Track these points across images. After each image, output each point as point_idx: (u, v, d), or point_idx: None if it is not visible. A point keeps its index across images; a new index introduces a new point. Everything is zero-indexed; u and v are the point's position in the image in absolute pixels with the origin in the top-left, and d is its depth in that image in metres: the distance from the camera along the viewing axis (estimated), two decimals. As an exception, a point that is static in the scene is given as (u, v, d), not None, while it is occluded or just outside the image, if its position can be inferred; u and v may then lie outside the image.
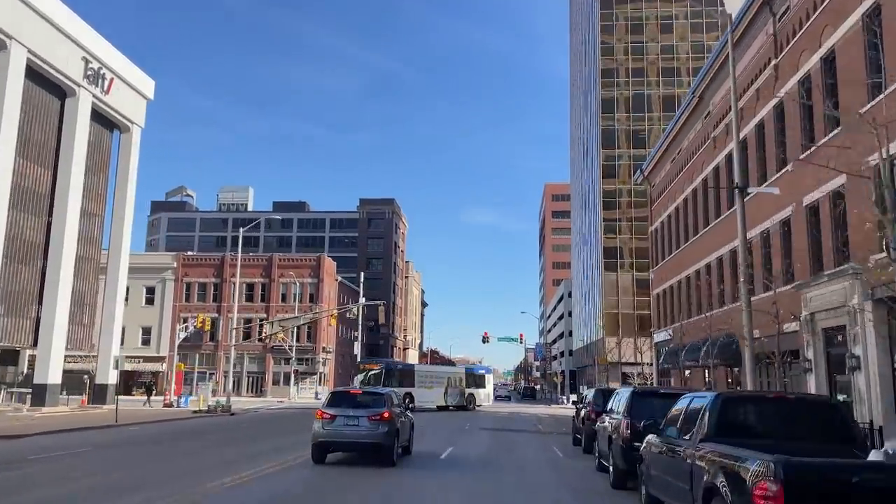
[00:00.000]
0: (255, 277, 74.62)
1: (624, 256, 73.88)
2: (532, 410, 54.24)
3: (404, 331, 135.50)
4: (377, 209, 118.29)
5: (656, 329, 43.00)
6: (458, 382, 51.43)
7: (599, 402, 20.31)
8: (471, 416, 41.53)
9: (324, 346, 74.48)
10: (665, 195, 41.46)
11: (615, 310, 72.66)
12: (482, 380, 54.81)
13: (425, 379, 48.80)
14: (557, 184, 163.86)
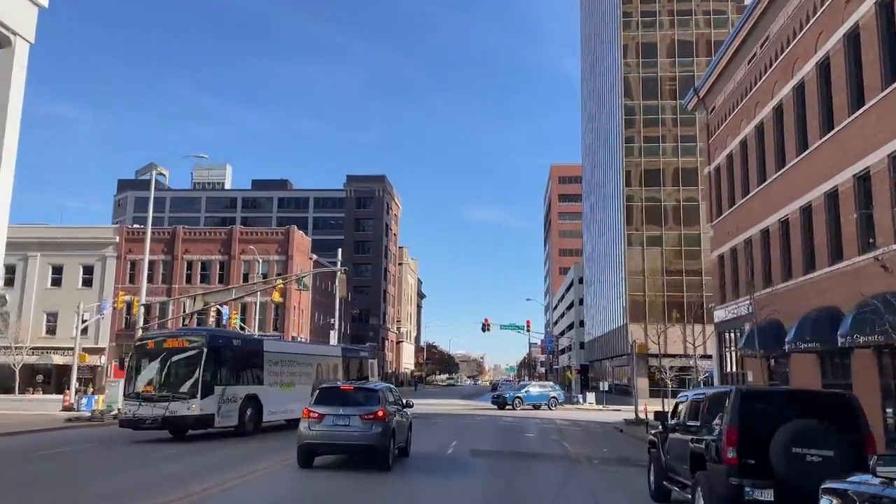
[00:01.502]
0: (212, 254, 63.09)
1: (653, 224, 62.16)
2: (543, 414, 42.69)
3: (398, 322, 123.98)
4: (366, 187, 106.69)
5: (719, 304, 31.36)
6: (331, 372, 28.85)
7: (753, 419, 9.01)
8: (449, 426, 29.90)
9: (294, 335, 62.89)
10: (734, 118, 29.79)
11: (640, 292, 61.00)
12: (364, 365, 32.58)
13: (281, 369, 25.51)
14: (564, 165, 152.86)
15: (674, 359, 58.13)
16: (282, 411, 24.50)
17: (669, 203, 62.06)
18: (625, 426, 30.34)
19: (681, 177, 62.04)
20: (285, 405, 24.44)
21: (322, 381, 23.89)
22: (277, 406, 24.12)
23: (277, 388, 24.42)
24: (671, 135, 63.03)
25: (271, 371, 24.22)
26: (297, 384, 25.50)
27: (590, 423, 34.41)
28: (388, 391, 16.27)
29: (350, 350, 32.92)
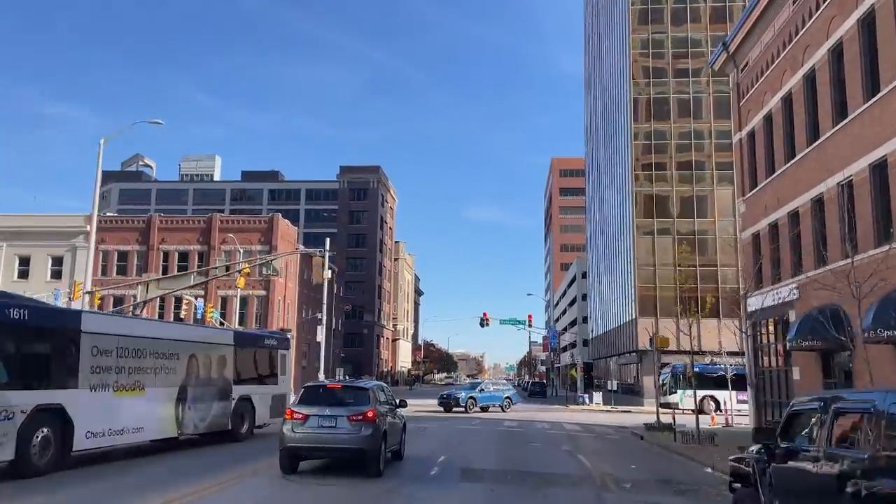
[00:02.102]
0: (190, 244, 58.74)
1: (664, 213, 57.80)
2: (548, 416, 38.37)
3: (394, 319, 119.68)
4: (360, 178, 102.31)
5: (754, 291, 27.01)
6: (214, 369, 19.40)
7: None
8: (441, 433, 25.59)
9: (278, 331, 58.53)
10: (773, 71, 25.45)
11: (651, 283, 56.66)
12: (272, 360, 23.01)
13: (119, 362, 15.65)
14: (565, 158, 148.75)
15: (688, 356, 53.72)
16: (115, 431, 15.14)
17: (683, 190, 57.72)
18: (645, 432, 26.04)
19: (693, 165, 57.74)
20: (121, 420, 15.30)
21: (196, 380, 17.86)
22: (106, 423, 14.88)
23: (108, 394, 14.99)
24: (681, 125, 58.73)
25: (98, 365, 14.80)
26: (150, 386, 16.30)
27: (602, 427, 30.10)
28: (380, 390, 15.14)
29: (247, 337, 22.57)
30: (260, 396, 21.24)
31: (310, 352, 65.31)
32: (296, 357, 63.49)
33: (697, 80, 58.87)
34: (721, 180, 57.10)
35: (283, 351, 23.71)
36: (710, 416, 32.08)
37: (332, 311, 76.10)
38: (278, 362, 23.16)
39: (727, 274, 56.08)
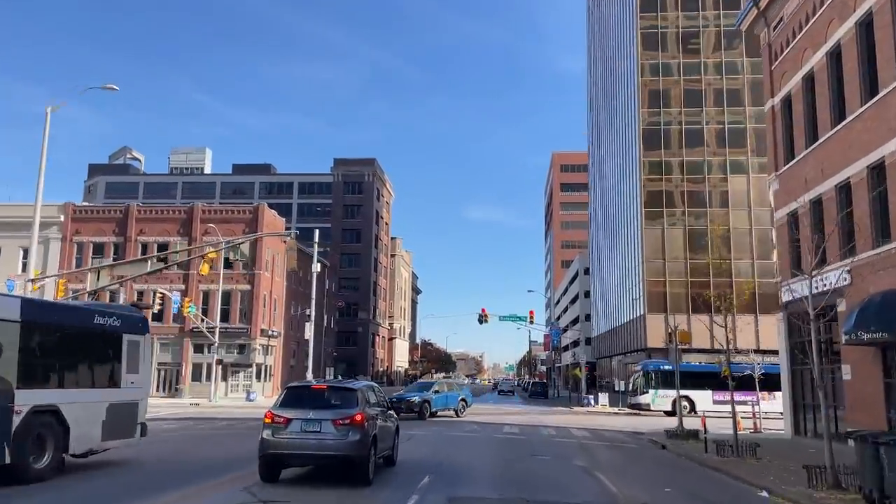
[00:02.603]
0: (170, 235, 55.26)
1: (674, 203, 54.35)
2: (552, 420, 34.94)
3: (390, 318, 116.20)
4: (354, 171, 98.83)
5: (789, 278, 23.61)
6: None
7: None
8: (430, 440, 22.22)
9: (264, 327, 55.12)
10: (815, 24, 22.04)
11: (660, 278, 53.25)
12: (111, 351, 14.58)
13: None
14: (567, 153, 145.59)
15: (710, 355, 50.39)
16: None
17: (694, 178, 54.28)
18: (667, 440, 22.60)
19: (704, 153, 54.30)
20: None
21: None
22: None
23: None
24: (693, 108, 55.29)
25: None
26: None
27: (615, 434, 26.68)
28: (370, 391, 14.05)
29: (53, 311, 13.87)
30: (81, 407, 13.29)
31: (299, 350, 61.89)
32: (283, 356, 60.09)
33: (709, 67, 55.50)
34: (735, 169, 53.70)
35: (131, 336, 15.09)
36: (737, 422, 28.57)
37: (324, 307, 72.68)
38: (124, 355, 14.75)
39: (740, 267, 52.71)
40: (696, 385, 39.17)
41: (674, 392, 39.21)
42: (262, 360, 55.11)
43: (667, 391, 38.77)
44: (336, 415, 12.25)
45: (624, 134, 62.53)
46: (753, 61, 54.42)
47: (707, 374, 40.92)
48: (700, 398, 38.94)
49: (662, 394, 39.25)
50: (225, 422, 28.77)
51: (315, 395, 13.04)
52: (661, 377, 39.70)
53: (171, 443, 19.38)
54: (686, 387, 39.95)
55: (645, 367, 40.94)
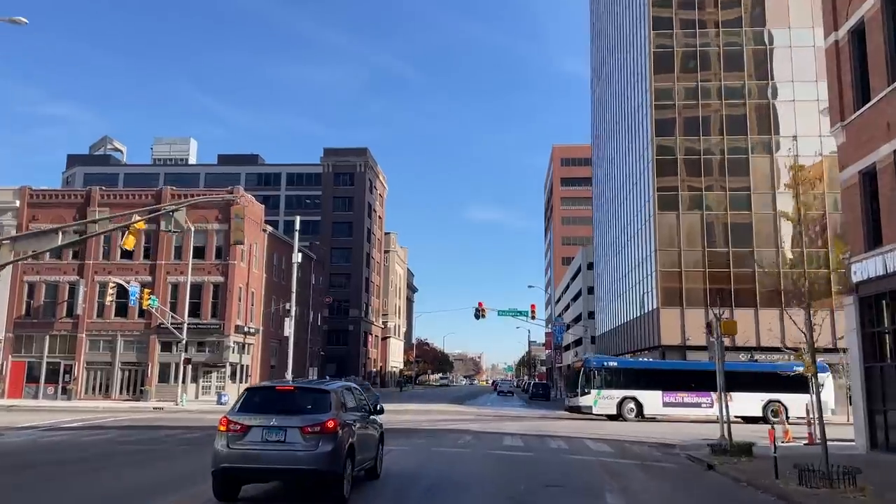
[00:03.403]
0: (136, 222, 50.16)
1: (691, 187, 49.43)
2: (560, 427, 30.07)
3: (384, 316, 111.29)
4: (345, 161, 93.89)
5: (864, 252, 18.75)
6: None
7: None
8: (411, 459, 17.41)
9: (239, 323, 50.20)
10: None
11: (675, 268, 48.36)
12: None
13: None
14: (567, 146, 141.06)
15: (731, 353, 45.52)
16: None
17: (714, 156, 49.37)
18: (712, 457, 17.72)
19: (724, 128, 49.44)
20: None
21: None
22: None
23: None
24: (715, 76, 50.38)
25: None
26: None
27: (641, 447, 21.78)
28: (347, 393, 12.06)
29: None
30: None
31: (281, 349, 56.94)
32: (262, 355, 55.19)
33: (729, 30, 50.61)
34: (758, 148, 48.84)
35: None
36: (784, 431, 23.74)
37: (310, 303, 67.81)
38: None
39: (763, 257, 47.86)
40: (644, 384, 35.26)
41: (620, 392, 34.69)
42: (237, 360, 50.15)
43: (612, 391, 34.73)
44: (304, 421, 10.48)
45: (632, 110, 57.72)
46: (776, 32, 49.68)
47: (656, 371, 37.19)
48: (649, 399, 34.75)
49: (607, 395, 34.78)
50: (166, 431, 23.84)
51: (280, 399, 11.29)
52: (606, 375, 35.49)
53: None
54: (632, 386, 35.23)
55: (587, 364, 36.60)
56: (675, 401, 34.88)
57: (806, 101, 48.43)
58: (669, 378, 35.88)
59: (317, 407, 10.90)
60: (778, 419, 34.33)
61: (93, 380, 48.81)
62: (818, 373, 36.69)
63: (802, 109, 48.34)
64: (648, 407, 34.60)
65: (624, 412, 34.31)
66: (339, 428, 10.62)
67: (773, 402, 35.17)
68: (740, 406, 34.01)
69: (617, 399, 34.47)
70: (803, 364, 37.61)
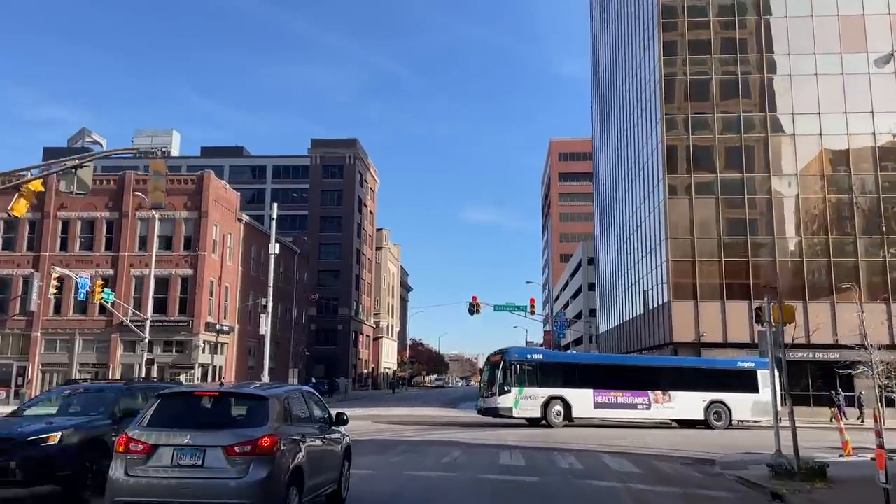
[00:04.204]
0: (96, 210, 46.09)
1: (704, 168, 45.26)
2: (568, 438, 25.90)
3: (376, 315, 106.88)
4: (334, 152, 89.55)
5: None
6: None
7: None
8: (378, 487, 13.01)
9: (210, 321, 45.88)
10: None
11: (688, 258, 44.17)
12: None
13: None
14: (565, 140, 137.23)
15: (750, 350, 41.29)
16: None
17: (728, 138, 45.21)
18: (774, 481, 13.50)
19: (741, 104, 45.28)
20: None
21: None
22: None
23: None
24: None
25: None
26: None
27: (670, 463, 17.58)
28: (296, 399, 9.46)
29: None
30: None
31: (259, 348, 52.60)
32: (238, 355, 50.86)
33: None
34: (775, 127, 44.69)
35: None
36: (843, 442, 19.53)
37: (293, 300, 63.52)
38: None
39: (786, 245, 43.77)
40: (574, 381, 29.93)
41: (545, 391, 29.03)
42: (208, 360, 45.80)
43: (536, 390, 29.09)
44: (231, 438, 7.93)
45: (640, 82, 53.60)
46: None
47: (589, 366, 32.12)
48: (578, 400, 29.45)
49: (530, 394, 29.09)
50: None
51: (200, 408, 8.60)
52: (529, 370, 29.63)
53: None
54: (560, 384, 29.67)
55: (508, 356, 30.20)
56: (608, 401, 30.01)
57: (830, 76, 44.40)
58: (603, 374, 30.99)
59: (250, 419, 8.41)
60: (721, 422, 30.64)
61: (48, 383, 44.41)
62: (758, 369, 31.69)
63: (826, 84, 44.31)
64: (578, 408, 29.40)
65: (550, 415, 28.92)
66: (278, 446, 8.12)
67: (716, 404, 30.71)
68: (681, 408, 30.45)
69: (542, 399, 28.99)
70: (749, 359, 32.71)
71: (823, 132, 44.09)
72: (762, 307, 16.49)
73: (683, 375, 31.43)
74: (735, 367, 32.31)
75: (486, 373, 31.12)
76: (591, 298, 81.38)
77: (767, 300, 16.16)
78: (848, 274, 42.29)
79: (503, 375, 29.18)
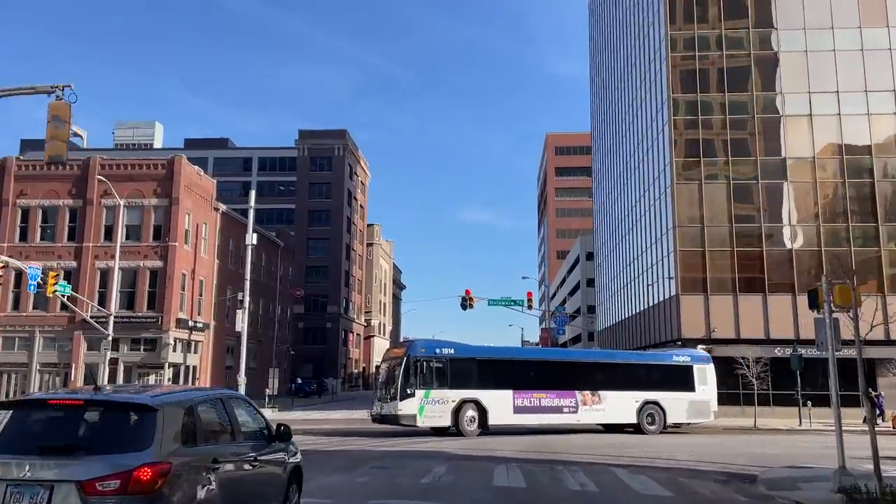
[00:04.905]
0: (59, 197, 42.72)
1: (714, 152, 42.11)
2: (572, 445, 22.81)
3: (367, 313, 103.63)
4: (322, 144, 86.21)
5: None
6: None
7: None
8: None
9: (182, 316, 42.54)
10: None
11: (697, 247, 41.00)
12: None
13: None
14: (562, 133, 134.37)
15: (765, 346, 38.56)
16: None
17: (741, 117, 42.07)
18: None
19: (754, 83, 42.15)
20: None
21: None
22: None
23: None
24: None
25: None
26: None
27: (702, 481, 14.32)
28: (204, 409, 6.71)
29: None
30: None
31: (238, 347, 49.25)
32: (214, 354, 47.50)
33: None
34: (793, 107, 41.55)
35: None
36: None
37: (277, 296, 60.22)
38: None
39: (803, 234, 40.63)
40: (490, 381, 25.06)
41: (457, 393, 24.02)
42: (179, 360, 42.45)
43: (445, 393, 24.04)
44: (92, 469, 5.36)
45: (645, 62, 50.51)
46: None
47: (507, 363, 26.57)
48: (496, 403, 24.67)
49: (438, 397, 23.96)
50: None
51: (56, 424, 5.92)
52: (438, 369, 24.39)
53: None
54: (473, 384, 24.62)
55: (412, 350, 24.55)
56: (531, 404, 25.44)
57: (849, 51, 41.33)
58: (526, 372, 26.39)
59: (129, 440, 5.73)
60: (654, 426, 26.88)
61: (6, 384, 41.11)
62: (693, 364, 28.37)
63: (845, 59, 41.23)
64: (495, 413, 24.69)
65: (462, 422, 24.05)
66: (167, 479, 5.57)
67: (650, 405, 27.08)
68: (612, 410, 26.47)
69: (453, 403, 24.04)
70: (684, 352, 29.66)
71: (842, 111, 41.01)
72: (818, 289, 13.30)
73: (615, 372, 27.66)
74: (670, 363, 28.77)
75: (385, 371, 25.56)
76: (590, 294, 78.29)
77: (826, 283, 12.98)
78: (869, 265, 39.31)
79: (406, 375, 23.76)
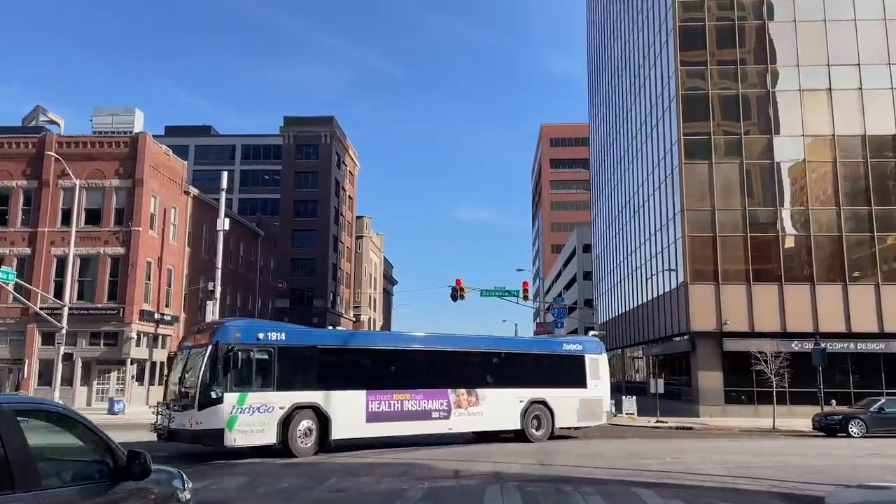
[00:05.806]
0: (12, 178, 39.19)
1: (725, 128, 38.82)
2: (579, 453, 19.58)
3: (356, 308, 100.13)
4: (309, 131, 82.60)
5: None
6: None
7: None
8: None
9: (147, 308, 39.06)
10: None
11: (707, 233, 37.74)
12: None
13: None
14: (557, 125, 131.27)
15: (782, 340, 35.40)
16: None
17: (755, 91, 38.84)
18: None
19: (768, 56, 38.92)
20: None
21: None
22: None
23: None
24: None
25: None
26: None
27: (745, 496, 11.01)
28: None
29: None
30: None
31: (212, 342, 45.79)
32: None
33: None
34: (810, 81, 38.32)
35: None
36: None
37: (257, 289, 56.78)
38: None
39: (822, 218, 37.41)
40: (333, 379, 18.11)
41: (285, 397, 17.01)
42: (144, 355, 38.99)
43: (269, 396, 16.84)
44: None
45: (648, 35, 47.22)
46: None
47: (358, 352, 19.31)
48: (342, 408, 17.89)
49: (259, 403, 16.70)
50: None
51: None
52: (261, 362, 17.12)
53: None
54: (311, 384, 17.68)
55: (221, 335, 16.71)
56: (389, 409, 18.97)
57: (870, 21, 38.18)
58: (383, 365, 19.63)
59: None
60: (541, 431, 21.67)
61: (-50, 383, 37.56)
62: (586, 353, 23.00)
63: (865, 30, 38.07)
64: (342, 424, 17.86)
65: (293, 438, 16.93)
66: None
67: (536, 405, 21.78)
68: (491, 413, 20.69)
69: (282, 410, 16.95)
70: (576, 339, 24.86)
71: (864, 86, 37.83)
72: None
73: (497, 364, 21.65)
74: (560, 352, 23.30)
75: (180, 365, 17.65)
76: (587, 288, 75.15)
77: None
78: (893, 250, 36.29)
79: (212, 371, 16.20)
